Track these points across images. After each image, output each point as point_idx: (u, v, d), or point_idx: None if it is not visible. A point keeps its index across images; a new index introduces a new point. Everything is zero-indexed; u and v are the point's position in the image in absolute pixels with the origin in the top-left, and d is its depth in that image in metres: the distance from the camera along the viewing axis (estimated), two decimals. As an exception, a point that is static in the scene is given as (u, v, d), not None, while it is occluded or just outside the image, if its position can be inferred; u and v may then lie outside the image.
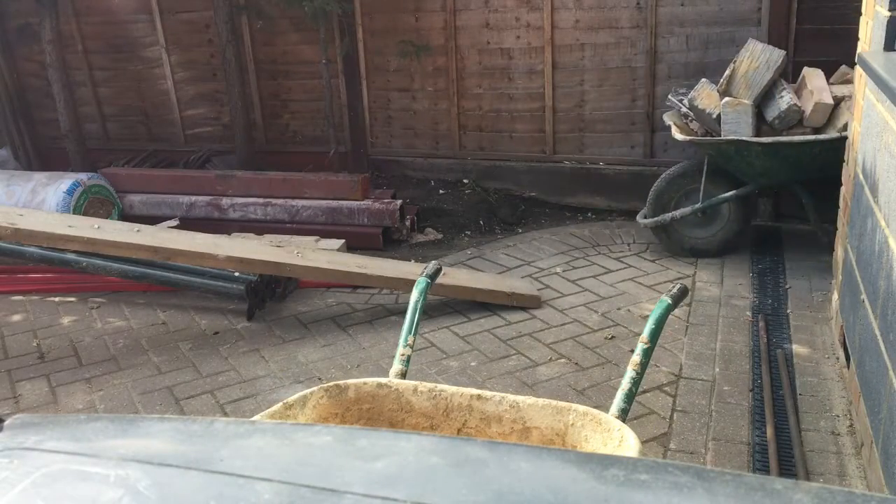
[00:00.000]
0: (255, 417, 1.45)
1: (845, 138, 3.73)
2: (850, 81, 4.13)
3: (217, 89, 6.04)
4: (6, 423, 0.95)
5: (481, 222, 5.09)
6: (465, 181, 5.60)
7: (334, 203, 4.99)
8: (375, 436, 0.89)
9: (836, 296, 3.34)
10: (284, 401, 1.57)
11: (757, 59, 4.03)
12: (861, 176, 2.80)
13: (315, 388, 1.64)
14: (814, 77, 4.08)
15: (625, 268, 4.27)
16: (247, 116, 5.85)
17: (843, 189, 3.41)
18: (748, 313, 3.62)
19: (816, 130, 3.95)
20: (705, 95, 4.20)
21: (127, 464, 0.82)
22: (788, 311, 3.60)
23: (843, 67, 4.31)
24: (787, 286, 3.88)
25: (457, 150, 5.61)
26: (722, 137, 4.01)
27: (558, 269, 4.30)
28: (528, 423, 1.59)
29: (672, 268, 4.23)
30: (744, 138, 3.92)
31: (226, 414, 3.05)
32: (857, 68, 3.15)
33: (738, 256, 4.29)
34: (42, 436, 0.92)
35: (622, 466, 0.80)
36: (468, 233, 5.01)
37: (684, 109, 4.36)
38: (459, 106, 5.48)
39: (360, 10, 5.46)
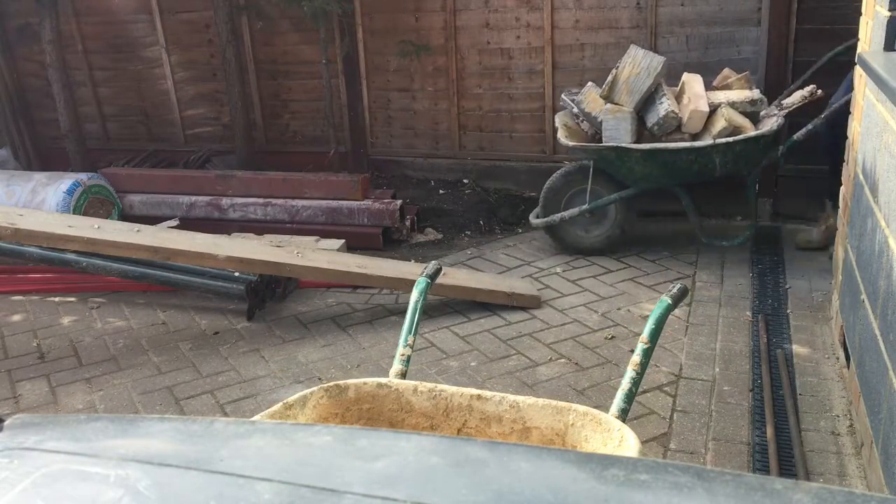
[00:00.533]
0: (255, 417, 1.45)
1: (719, 145, 3.90)
2: (729, 87, 4.25)
3: (217, 89, 6.04)
4: (6, 423, 0.95)
5: (481, 222, 5.09)
6: (465, 181, 5.60)
7: (334, 203, 4.99)
8: (375, 436, 0.89)
9: (836, 296, 3.34)
10: (284, 401, 1.57)
11: (638, 65, 4.13)
12: (861, 176, 2.80)
13: (315, 388, 1.64)
14: (693, 83, 4.21)
15: (625, 268, 4.27)
16: (247, 116, 5.85)
17: (842, 189, 3.41)
18: (748, 313, 3.62)
19: (694, 137, 4.08)
20: (591, 99, 4.31)
21: (127, 464, 0.82)
22: (788, 311, 3.60)
23: (726, 70, 4.41)
24: (787, 286, 3.88)
25: (457, 150, 5.61)
26: (603, 144, 4.15)
27: (558, 269, 4.30)
28: (528, 423, 1.59)
29: (672, 268, 4.23)
30: (623, 145, 4.07)
31: (226, 414, 3.05)
32: (858, 68, 3.15)
33: (738, 256, 4.29)
34: (42, 436, 0.92)
35: (622, 466, 0.80)
36: (468, 233, 5.01)
37: (576, 110, 4.45)
38: (459, 106, 5.48)
39: (360, 10, 5.47)
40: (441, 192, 5.52)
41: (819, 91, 3.99)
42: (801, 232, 4.31)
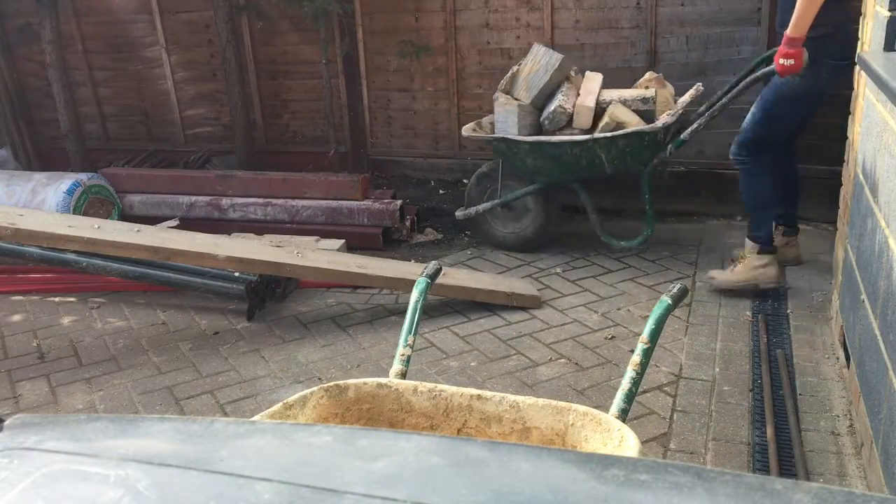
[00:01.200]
0: (255, 417, 1.45)
1: (600, 139, 3.91)
2: (648, 86, 4.18)
3: (217, 89, 6.04)
4: (6, 423, 0.95)
5: (481, 222, 5.09)
6: (465, 181, 5.60)
7: (334, 203, 4.99)
8: (375, 436, 0.89)
9: (836, 296, 3.34)
10: (284, 401, 1.57)
11: (538, 62, 4.23)
12: (861, 176, 2.80)
13: (315, 388, 1.63)
14: (590, 81, 4.27)
15: (625, 268, 4.27)
16: (247, 116, 5.85)
17: (842, 189, 3.41)
18: (748, 313, 3.62)
19: (586, 133, 4.10)
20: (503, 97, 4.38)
21: (127, 464, 0.82)
22: (788, 311, 3.60)
23: (650, 73, 4.34)
24: (787, 286, 3.87)
25: (457, 150, 5.61)
26: (492, 135, 4.25)
27: (558, 269, 4.30)
28: (528, 423, 1.59)
29: (672, 268, 4.23)
30: (509, 136, 4.16)
31: (226, 414, 3.05)
32: (857, 68, 3.15)
33: (738, 256, 4.28)
34: (42, 436, 0.92)
35: (622, 466, 0.80)
36: (468, 233, 5.01)
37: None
38: (459, 106, 5.48)
39: (360, 10, 5.47)
40: (441, 192, 5.52)
41: (701, 88, 4.01)
42: (714, 271, 3.89)
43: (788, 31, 3.32)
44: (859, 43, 3.25)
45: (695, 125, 3.85)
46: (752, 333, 3.42)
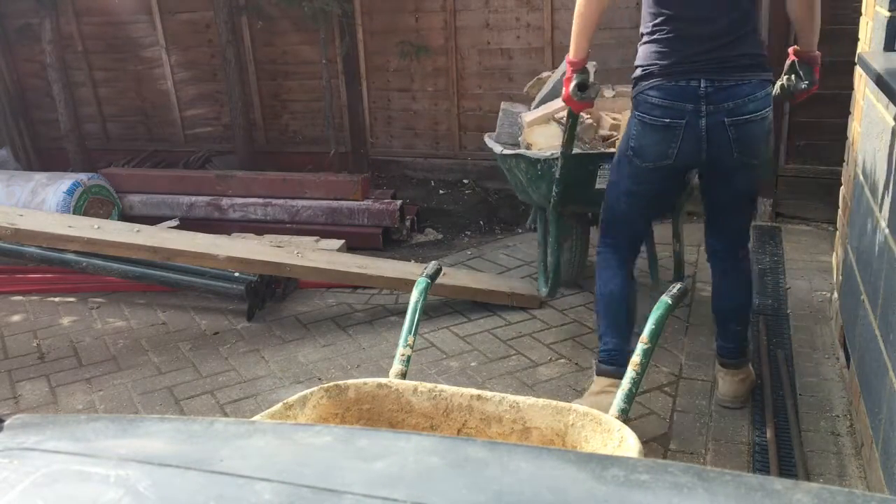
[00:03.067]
0: (255, 417, 1.45)
1: (510, 157, 3.49)
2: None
3: (217, 89, 6.05)
4: (6, 423, 0.95)
5: (481, 222, 5.09)
6: (465, 181, 5.60)
7: (334, 203, 4.99)
8: (375, 436, 0.89)
9: (836, 296, 3.34)
10: (284, 401, 1.57)
11: (558, 71, 3.96)
12: (861, 176, 2.80)
13: (315, 389, 1.63)
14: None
15: (625, 268, 4.26)
16: (247, 116, 5.85)
17: (842, 189, 3.41)
18: (748, 313, 3.61)
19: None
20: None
21: (127, 464, 0.82)
22: (788, 311, 3.60)
23: None
24: (787, 286, 3.87)
25: (457, 150, 5.61)
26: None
27: (558, 270, 4.30)
28: (528, 424, 1.59)
29: (672, 268, 4.22)
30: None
31: (226, 414, 3.05)
32: (858, 68, 3.15)
33: (738, 256, 4.28)
34: (42, 436, 0.92)
35: (622, 466, 0.80)
36: (468, 233, 5.01)
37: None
38: (459, 106, 5.48)
39: (360, 10, 5.47)
40: (441, 192, 5.52)
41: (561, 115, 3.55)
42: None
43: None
44: (859, 43, 3.24)
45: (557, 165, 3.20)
46: (753, 333, 3.42)
